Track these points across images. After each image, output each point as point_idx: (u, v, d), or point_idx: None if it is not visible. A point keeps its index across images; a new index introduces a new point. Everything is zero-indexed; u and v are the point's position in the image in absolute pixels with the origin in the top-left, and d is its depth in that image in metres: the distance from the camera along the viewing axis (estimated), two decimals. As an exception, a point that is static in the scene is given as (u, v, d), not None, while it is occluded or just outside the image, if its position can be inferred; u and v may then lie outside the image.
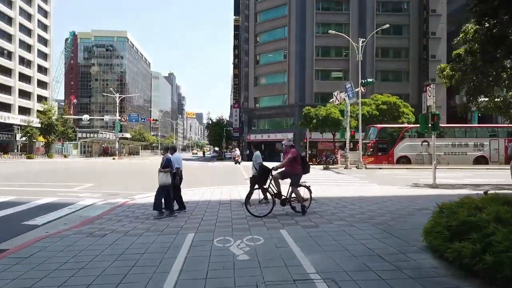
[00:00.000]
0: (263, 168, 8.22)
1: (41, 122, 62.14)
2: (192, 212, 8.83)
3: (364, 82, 26.92)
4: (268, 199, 9.38)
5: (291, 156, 8.05)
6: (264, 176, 8.09)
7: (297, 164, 8.13)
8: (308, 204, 8.53)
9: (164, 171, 8.34)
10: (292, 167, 8.12)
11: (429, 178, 20.60)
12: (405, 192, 12.87)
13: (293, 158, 8.03)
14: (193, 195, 12.18)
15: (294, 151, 8.14)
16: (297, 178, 8.19)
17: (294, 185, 8.17)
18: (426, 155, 30.74)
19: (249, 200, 8.06)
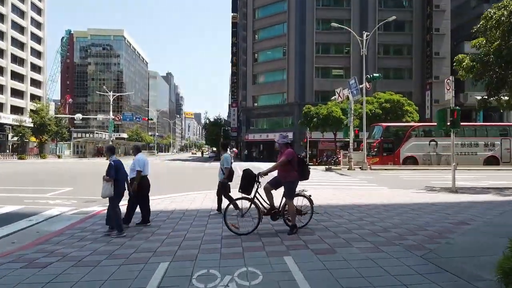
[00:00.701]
0: (246, 173, 6.42)
1: (33, 122, 60.40)
2: (174, 227, 7.17)
3: (370, 77, 25.24)
4: (239, 208, 8.08)
5: (285, 158, 6.22)
6: (247, 184, 6.31)
7: (292, 168, 6.28)
8: (309, 218, 6.81)
9: (106, 179, 6.62)
10: (286, 172, 6.29)
11: (441, 180, 19.05)
12: (424, 198, 11.22)
13: (288, 161, 6.23)
14: (181, 201, 10.53)
15: (289, 152, 6.27)
16: (291, 187, 6.33)
17: (288, 196, 6.34)
18: (434, 155, 29.13)
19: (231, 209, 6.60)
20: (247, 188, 6.30)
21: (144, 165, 7.40)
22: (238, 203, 6.57)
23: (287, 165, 6.24)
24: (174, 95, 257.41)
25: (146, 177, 7.52)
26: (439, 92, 50.43)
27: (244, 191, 6.32)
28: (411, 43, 51.90)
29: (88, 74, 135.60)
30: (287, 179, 6.31)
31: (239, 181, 6.43)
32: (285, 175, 6.33)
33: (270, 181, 6.51)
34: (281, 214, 6.45)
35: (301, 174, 6.41)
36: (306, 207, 6.71)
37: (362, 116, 35.15)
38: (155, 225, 7.48)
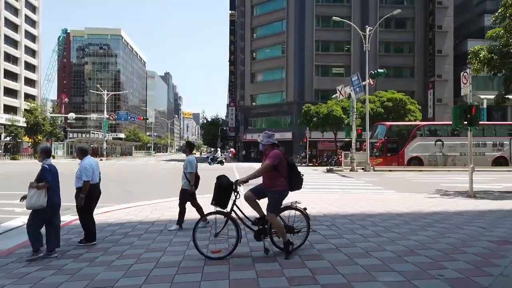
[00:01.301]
0: (220, 181, 4.99)
1: (27, 122, 59.01)
2: (149, 246, 5.83)
3: (374, 73, 23.91)
4: (207, 220, 6.98)
5: (269, 162, 4.90)
6: (222, 194, 4.94)
7: (280, 175, 4.94)
8: (304, 238, 5.36)
9: (37, 186, 5.32)
10: (272, 179, 4.97)
11: (451, 183, 17.76)
12: (442, 205, 9.90)
13: (273, 166, 4.91)
14: (165, 209, 9.19)
15: (275, 154, 4.95)
16: (277, 199, 4.96)
17: (271, 209, 4.94)
18: (440, 156, 27.83)
19: None
20: (222, 200, 4.92)
21: (92, 172, 6.05)
22: (210, 219, 5.29)
23: (273, 171, 4.92)
24: (173, 95, 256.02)
25: (95, 185, 6.17)
26: (441, 91, 49.27)
27: (218, 203, 4.94)
28: (413, 41, 50.63)
29: (85, 73, 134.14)
30: (273, 188, 4.95)
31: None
32: (270, 183, 4.97)
33: (252, 188, 5.18)
34: (267, 233, 5.06)
35: (291, 183, 5.05)
36: (300, 223, 5.30)
37: (363, 115, 34.06)
38: (128, 242, 6.15)
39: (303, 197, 11.43)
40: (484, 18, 50.74)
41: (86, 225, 6.10)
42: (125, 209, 9.63)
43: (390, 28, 50.70)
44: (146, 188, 15.72)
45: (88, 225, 6.11)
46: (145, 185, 17.14)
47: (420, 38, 50.47)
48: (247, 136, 54.07)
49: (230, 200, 4.97)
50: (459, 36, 52.92)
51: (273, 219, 4.92)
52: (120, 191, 14.33)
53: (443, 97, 49.14)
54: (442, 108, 48.30)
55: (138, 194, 13.12)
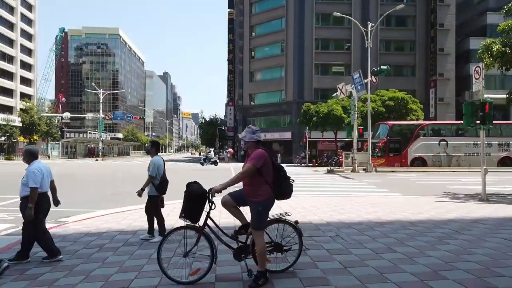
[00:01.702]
0: (190, 190, 4.09)
1: (22, 121, 58.16)
2: (104, 260, 4.97)
3: (377, 70, 23.02)
4: (153, 234, 6.31)
5: (251, 164, 3.96)
6: (193, 205, 4.05)
7: (263, 181, 4.00)
8: (296, 257, 4.42)
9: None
10: (254, 186, 4.03)
11: (458, 185, 16.93)
12: (456, 211, 9.06)
13: (256, 169, 3.96)
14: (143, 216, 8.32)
15: (259, 155, 3.99)
16: (261, 211, 4.01)
17: (255, 225, 4.03)
18: (444, 156, 27.00)
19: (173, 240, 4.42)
20: (193, 212, 4.05)
21: (42, 178, 5.09)
22: (179, 235, 4.27)
23: (256, 176, 3.99)
24: (171, 94, 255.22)
25: (44, 195, 5.19)
26: (443, 90, 48.43)
27: (188, 216, 4.07)
28: (415, 39, 49.78)
29: (83, 73, 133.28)
30: (256, 198, 4.01)
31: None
32: (252, 191, 4.04)
33: (232, 193, 4.31)
34: (249, 251, 4.17)
35: (278, 190, 4.09)
36: (291, 239, 4.39)
37: (364, 115, 33.18)
38: (101, 257, 5.28)
39: (303, 201, 10.63)
40: (486, 16, 49.98)
41: (40, 242, 5.15)
42: (108, 216, 8.77)
43: (391, 26, 49.92)
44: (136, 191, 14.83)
45: (43, 241, 5.15)
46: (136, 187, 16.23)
47: (422, 36, 49.64)
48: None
49: (203, 212, 4.11)
50: (461, 34, 52.12)
51: (258, 237, 4.01)
52: (107, 193, 13.48)
53: (445, 96, 48.30)
54: (444, 107, 47.50)
55: (126, 198, 12.24)
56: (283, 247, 4.28)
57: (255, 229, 4.03)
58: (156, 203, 6.31)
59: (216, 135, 62.96)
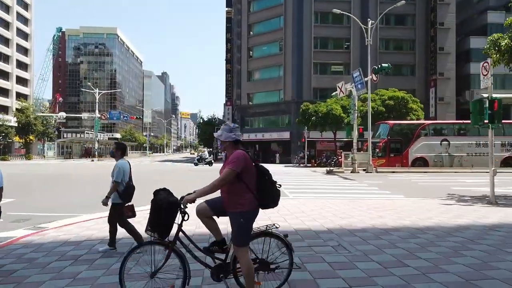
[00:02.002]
0: (158, 200, 3.44)
1: (17, 121, 57.43)
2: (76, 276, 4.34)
3: (378, 68, 22.41)
4: (114, 247, 5.64)
5: (229, 169, 3.35)
6: (161, 217, 3.42)
7: (245, 187, 3.40)
8: (285, 276, 3.77)
9: None
10: (234, 195, 3.43)
11: (462, 186, 16.33)
12: (466, 216, 8.47)
13: (236, 174, 3.36)
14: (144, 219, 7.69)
15: (238, 156, 3.39)
16: (243, 224, 3.41)
17: (237, 239, 3.42)
18: (446, 156, 26.41)
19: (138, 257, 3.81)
20: (162, 224, 3.43)
21: None
22: (146, 253, 3.61)
23: (236, 182, 3.38)
24: (170, 94, 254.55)
25: None
26: (443, 89, 47.87)
27: (156, 230, 3.45)
28: (414, 38, 49.23)
29: (80, 73, 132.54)
30: (236, 208, 3.40)
31: None
32: (232, 200, 3.43)
33: (209, 200, 3.67)
34: (230, 270, 3.56)
35: (264, 198, 3.46)
36: (279, 255, 3.73)
37: (364, 114, 32.57)
38: (57, 266, 4.65)
39: (302, 205, 9.98)
40: (487, 14, 49.49)
41: None
42: (92, 221, 8.16)
43: (391, 24, 49.39)
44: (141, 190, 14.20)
45: None
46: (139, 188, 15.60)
47: (422, 35, 49.11)
48: (243, 136, 52.48)
49: (174, 224, 3.49)
50: (461, 33, 51.61)
51: (243, 255, 3.39)
52: (97, 196, 12.83)
53: (445, 95, 47.75)
54: (444, 107, 46.96)
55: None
56: (270, 264, 3.64)
57: (237, 245, 3.40)
58: (121, 211, 5.61)
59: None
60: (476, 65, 47.78)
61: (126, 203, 5.67)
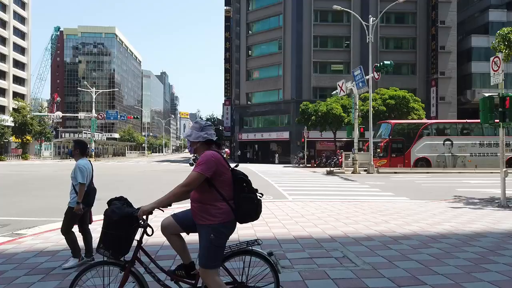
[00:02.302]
0: (111, 211, 2.83)
1: (14, 121, 56.76)
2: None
3: (380, 65, 21.77)
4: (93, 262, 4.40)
5: (197, 173, 2.75)
6: (116, 233, 2.79)
7: (216, 195, 2.82)
8: None
9: None
10: (204, 205, 2.84)
11: (467, 187, 15.74)
12: (477, 220, 7.88)
13: (205, 179, 2.78)
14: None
15: (208, 158, 2.80)
16: (215, 242, 2.79)
17: (203, 262, 2.79)
18: (449, 156, 25.82)
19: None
20: (117, 242, 2.81)
21: None
22: (98, 275, 2.98)
23: (206, 190, 2.81)
24: (169, 94, 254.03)
25: None
26: (445, 88, 47.31)
27: (110, 248, 2.83)
28: (415, 36, 48.65)
29: (78, 72, 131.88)
30: (206, 220, 2.81)
31: None
32: (203, 210, 2.83)
33: (177, 214, 3.09)
34: None
35: (241, 210, 2.86)
36: (262, 277, 3.07)
37: (364, 114, 31.97)
38: (26, 282, 4.05)
39: (302, 208, 9.31)
40: (488, 13, 48.94)
41: None
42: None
43: (391, 23, 48.82)
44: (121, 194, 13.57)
45: None
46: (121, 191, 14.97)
47: (422, 34, 48.53)
48: (242, 136, 51.97)
49: (133, 240, 2.91)
50: (462, 32, 51.07)
51: (210, 279, 2.79)
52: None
53: (446, 95, 47.19)
54: (445, 107, 46.42)
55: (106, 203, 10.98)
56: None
57: (204, 267, 2.79)
58: (73, 216, 4.95)
59: (212, 135, 61.74)
60: (478, 64, 47.69)
61: (89, 208, 5.10)
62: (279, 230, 6.82)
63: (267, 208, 9.55)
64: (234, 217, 2.87)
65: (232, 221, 2.88)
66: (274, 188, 15.29)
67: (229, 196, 2.86)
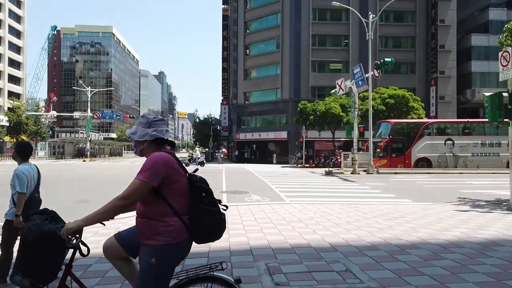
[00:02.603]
0: (29, 229, 2.20)
1: (9, 121, 56.09)
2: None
3: (380, 63, 21.20)
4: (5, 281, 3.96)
5: (139, 181, 2.16)
6: (36, 255, 2.17)
7: (165, 208, 2.22)
8: None
9: None
10: (150, 218, 2.24)
11: (471, 188, 15.20)
12: (488, 226, 7.32)
13: (147, 188, 2.17)
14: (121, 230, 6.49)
15: (154, 161, 2.21)
16: (156, 267, 2.17)
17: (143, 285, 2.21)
18: (451, 156, 25.28)
19: None
20: (38, 267, 2.21)
21: None
22: None
23: (154, 202, 2.25)
24: (167, 94, 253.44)
25: None
26: (444, 88, 46.82)
27: (28, 275, 2.21)
28: (415, 35, 48.16)
29: (76, 72, 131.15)
30: (149, 239, 2.24)
31: None
32: (147, 226, 2.27)
33: (122, 232, 2.56)
34: None
35: (197, 227, 2.28)
36: None
37: (364, 113, 31.43)
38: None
39: (299, 211, 8.56)
40: (488, 12, 48.48)
41: None
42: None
43: (390, 21, 48.34)
44: (110, 196, 12.97)
45: None
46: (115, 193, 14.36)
47: (422, 33, 48.04)
48: (240, 136, 51.39)
49: (60, 264, 2.35)
50: (462, 31, 50.60)
51: None
52: (74, 200, 11.64)
53: (446, 94, 46.72)
54: (445, 106, 45.95)
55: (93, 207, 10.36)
56: None
57: None
58: (12, 231, 4.07)
59: (209, 134, 61.21)
60: (477, 63, 47.23)
61: None
62: (274, 237, 6.24)
63: (263, 211, 8.98)
64: (187, 236, 2.27)
65: (185, 241, 2.28)
66: (271, 190, 14.71)
67: (183, 210, 2.27)
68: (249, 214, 8.61)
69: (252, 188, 15.14)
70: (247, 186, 15.67)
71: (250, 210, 9.15)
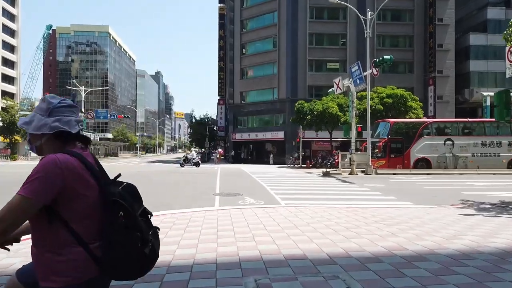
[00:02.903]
0: None
1: (2, 120, 55.32)
2: None
3: (379, 61, 20.70)
4: None
5: (21, 196, 1.50)
6: None
7: (65, 233, 1.58)
8: None
9: None
10: (45, 248, 1.60)
11: (472, 190, 14.69)
12: (499, 231, 6.79)
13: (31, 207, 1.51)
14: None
15: (44, 166, 1.55)
16: None
17: None
18: (450, 157, 24.81)
19: None
20: None
21: None
22: None
23: (46, 224, 1.59)
24: (164, 94, 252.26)
25: None
26: (442, 87, 46.44)
27: None
28: (412, 34, 47.79)
29: (71, 71, 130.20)
30: (45, 279, 1.57)
31: None
32: (41, 261, 1.61)
33: (24, 268, 1.93)
34: None
35: (108, 259, 1.61)
36: None
37: (361, 112, 30.93)
38: None
39: (295, 216, 8.03)
40: (486, 10, 48.16)
41: None
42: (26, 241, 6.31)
43: (388, 20, 47.92)
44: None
45: None
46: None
47: (420, 32, 47.65)
48: (236, 136, 50.82)
49: None
50: (460, 30, 50.25)
51: None
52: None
53: (444, 94, 46.36)
54: (443, 106, 45.56)
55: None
56: None
57: None
58: None
59: (205, 134, 60.64)
60: (476, 62, 46.87)
61: None
62: (267, 246, 5.67)
63: (256, 216, 8.41)
64: (99, 272, 1.64)
65: (97, 280, 1.65)
66: (266, 192, 14.15)
67: (92, 235, 1.64)
68: (242, 219, 8.04)
69: (247, 190, 14.58)
70: (242, 188, 15.12)
71: (243, 215, 8.58)
